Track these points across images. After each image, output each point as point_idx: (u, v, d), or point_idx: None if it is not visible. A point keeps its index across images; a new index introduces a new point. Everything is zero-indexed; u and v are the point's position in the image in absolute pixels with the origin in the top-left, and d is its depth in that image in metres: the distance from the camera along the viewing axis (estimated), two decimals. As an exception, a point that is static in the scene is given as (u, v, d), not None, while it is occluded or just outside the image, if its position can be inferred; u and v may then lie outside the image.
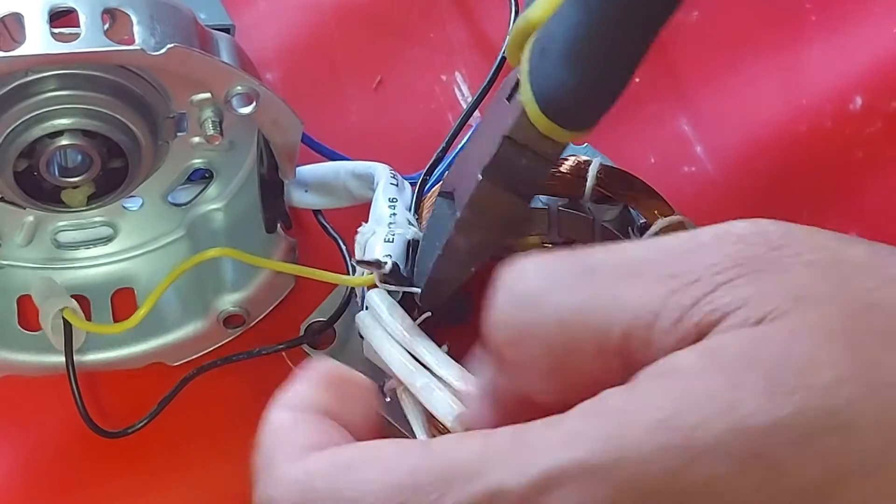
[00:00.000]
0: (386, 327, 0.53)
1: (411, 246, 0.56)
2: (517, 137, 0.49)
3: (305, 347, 0.60)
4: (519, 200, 0.51)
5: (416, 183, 0.59)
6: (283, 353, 0.60)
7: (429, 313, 0.54)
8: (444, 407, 0.51)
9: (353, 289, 0.59)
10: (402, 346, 0.53)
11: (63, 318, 0.59)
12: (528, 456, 0.34)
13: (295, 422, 0.40)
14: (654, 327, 0.35)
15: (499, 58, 0.63)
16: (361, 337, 0.55)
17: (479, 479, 0.35)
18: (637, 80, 0.67)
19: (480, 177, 0.50)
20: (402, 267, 0.55)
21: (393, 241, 0.56)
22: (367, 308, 0.55)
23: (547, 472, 0.34)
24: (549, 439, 0.34)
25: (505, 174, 0.50)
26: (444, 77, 0.68)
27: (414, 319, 0.54)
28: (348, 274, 0.59)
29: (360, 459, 0.37)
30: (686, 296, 0.35)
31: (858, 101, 0.66)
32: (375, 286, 0.55)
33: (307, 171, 0.61)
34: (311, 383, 0.41)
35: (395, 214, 0.57)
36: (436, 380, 0.51)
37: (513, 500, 0.34)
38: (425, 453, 0.36)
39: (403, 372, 0.52)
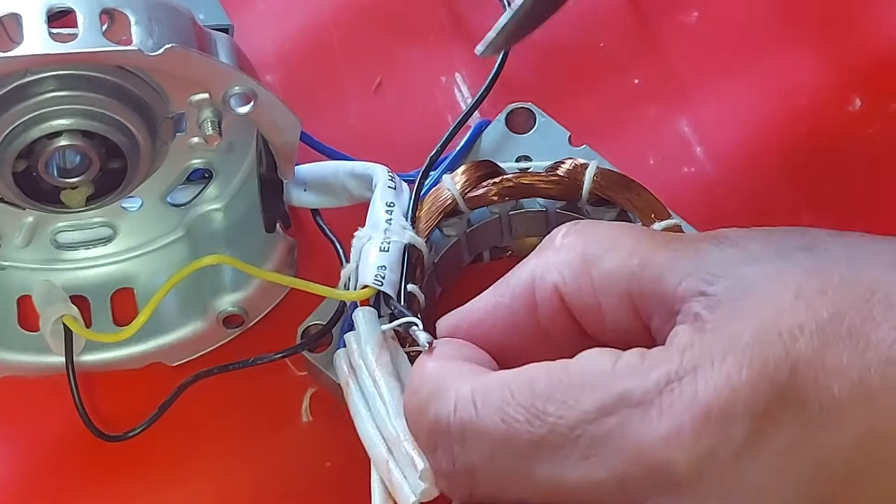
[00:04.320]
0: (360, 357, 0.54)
1: (407, 252, 0.57)
2: None
3: (305, 353, 0.59)
4: None
5: (414, 181, 0.60)
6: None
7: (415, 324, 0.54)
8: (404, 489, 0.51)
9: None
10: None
11: (63, 324, 0.59)
12: (647, 370, 0.42)
13: (449, 365, 0.47)
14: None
15: (499, 58, 0.63)
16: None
17: (608, 388, 0.42)
18: (636, 81, 0.68)
19: None
20: (395, 276, 0.56)
21: (388, 250, 0.56)
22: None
23: (666, 375, 0.41)
24: (667, 354, 0.42)
25: None
26: (443, 79, 0.68)
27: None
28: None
29: (514, 376, 0.44)
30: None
31: (858, 102, 0.66)
32: (368, 302, 0.55)
33: (306, 170, 0.61)
34: (448, 342, 0.49)
35: (391, 220, 0.57)
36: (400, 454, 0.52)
37: (637, 399, 0.41)
38: (565, 369, 0.43)
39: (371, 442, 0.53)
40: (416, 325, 0.52)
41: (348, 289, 0.57)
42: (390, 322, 0.54)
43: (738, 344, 0.41)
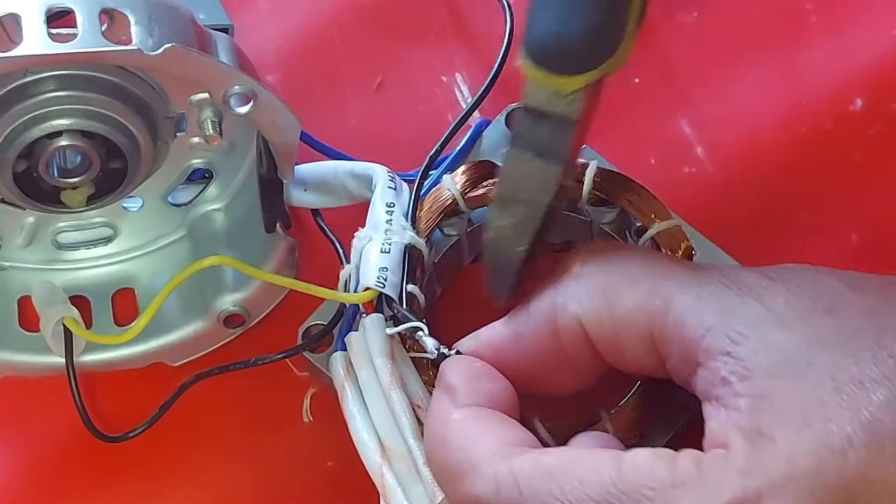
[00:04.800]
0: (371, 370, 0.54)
1: (407, 252, 0.57)
2: (530, 103, 0.49)
3: (305, 353, 0.59)
4: (550, 167, 0.50)
5: (414, 181, 0.60)
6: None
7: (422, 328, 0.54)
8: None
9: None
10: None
11: (63, 326, 0.59)
12: (710, 492, 0.41)
13: (479, 419, 0.46)
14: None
15: (499, 58, 0.63)
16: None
17: None
18: (637, 80, 0.68)
19: (507, 149, 0.51)
20: (396, 277, 0.55)
21: (389, 252, 0.56)
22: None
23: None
24: (726, 473, 0.41)
25: (529, 142, 0.50)
26: (444, 78, 0.68)
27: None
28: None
29: (560, 467, 0.43)
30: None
31: (859, 102, 0.66)
32: (370, 304, 0.55)
33: (306, 169, 0.61)
34: (469, 380, 0.48)
35: (391, 221, 0.57)
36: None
37: None
38: (617, 470, 0.42)
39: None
40: (422, 329, 0.52)
41: (347, 289, 0.57)
42: (393, 325, 0.54)
43: (796, 469, 0.41)
